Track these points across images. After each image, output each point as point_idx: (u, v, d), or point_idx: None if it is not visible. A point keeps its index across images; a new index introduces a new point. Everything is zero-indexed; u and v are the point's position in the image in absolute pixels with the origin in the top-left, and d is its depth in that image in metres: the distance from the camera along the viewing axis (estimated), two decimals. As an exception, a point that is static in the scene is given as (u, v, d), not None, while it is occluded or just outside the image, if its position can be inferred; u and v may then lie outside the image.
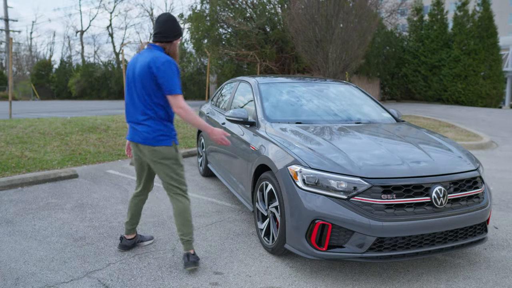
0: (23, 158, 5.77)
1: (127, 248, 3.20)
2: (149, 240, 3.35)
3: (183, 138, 7.95)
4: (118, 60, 38.69)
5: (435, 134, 3.70)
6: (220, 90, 5.67)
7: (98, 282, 2.69)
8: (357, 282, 2.74)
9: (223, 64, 22.76)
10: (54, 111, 17.10)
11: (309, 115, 3.94)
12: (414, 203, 2.66)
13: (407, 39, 24.51)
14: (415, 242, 2.70)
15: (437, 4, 23.45)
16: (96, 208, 4.20)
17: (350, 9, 14.26)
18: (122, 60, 19.61)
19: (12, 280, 2.69)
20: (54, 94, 41.88)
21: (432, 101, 23.50)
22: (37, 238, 3.38)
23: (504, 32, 43.55)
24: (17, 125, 7.86)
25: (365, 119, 4.03)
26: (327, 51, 14.28)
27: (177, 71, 2.75)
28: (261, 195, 3.32)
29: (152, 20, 44.51)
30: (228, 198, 4.67)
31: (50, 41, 79.66)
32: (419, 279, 2.80)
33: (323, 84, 4.74)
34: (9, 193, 4.63)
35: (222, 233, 3.60)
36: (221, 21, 22.10)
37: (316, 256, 2.69)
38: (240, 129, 4.00)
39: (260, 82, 4.36)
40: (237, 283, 2.72)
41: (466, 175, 2.89)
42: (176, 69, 2.75)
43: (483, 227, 3.01)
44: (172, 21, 2.83)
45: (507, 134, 10.49)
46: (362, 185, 2.62)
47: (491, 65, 22.26)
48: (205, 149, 5.43)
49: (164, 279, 2.76)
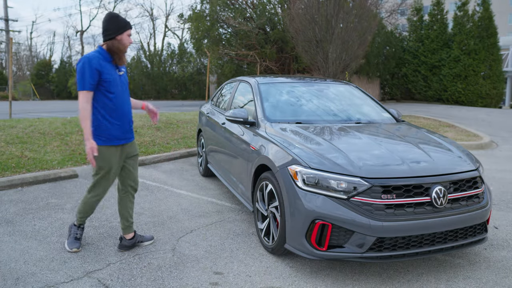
0: (23, 158, 5.77)
1: (127, 248, 3.20)
2: (149, 240, 3.34)
3: (183, 138, 7.95)
4: (118, 60, 38.63)
5: (435, 134, 3.70)
6: (220, 90, 5.67)
7: (98, 282, 2.69)
8: (357, 282, 2.74)
9: (223, 64, 22.77)
10: (54, 111, 17.10)
11: (309, 115, 3.94)
12: (414, 203, 2.66)
13: (407, 39, 24.52)
14: (415, 242, 2.70)
15: (437, 4, 23.46)
16: (96, 208, 4.19)
17: (350, 9, 14.25)
18: (122, 60, 19.52)
19: (12, 280, 2.69)
20: (54, 94, 41.87)
21: (432, 101, 23.50)
22: (37, 238, 3.38)
23: (504, 32, 43.54)
24: (17, 125, 7.86)
25: (365, 119, 4.03)
26: (327, 51, 14.27)
27: (86, 68, 2.82)
28: (261, 195, 3.32)
29: (152, 20, 44.49)
30: (228, 198, 4.68)
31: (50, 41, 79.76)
32: (419, 279, 2.80)
33: (323, 84, 4.74)
34: (9, 193, 4.63)
35: (222, 233, 3.60)
36: (221, 21, 22.11)
37: (316, 256, 2.69)
38: (240, 129, 4.00)
39: (260, 82, 4.36)
40: (237, 283, 2.72)
41: (466, 175, 2.89)
42: (87, 66, 2.82)
43: (483, 227, 3.01)
44: (110, 19, 2.95)
45: (507, 134, 10.49)
46: (362, 185, 2.62)
47: (491, 65, 22.26)
48: (205, 149, 5.43)
49: (164, 279, 2.76)
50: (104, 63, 2.91)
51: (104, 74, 2.89)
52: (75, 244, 3.17)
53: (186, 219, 3.94)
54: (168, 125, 9.15)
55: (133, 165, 3.23)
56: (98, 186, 3.09)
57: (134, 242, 3.24)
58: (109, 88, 2.93)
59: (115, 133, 2.99)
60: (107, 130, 2.96)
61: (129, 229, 3.24)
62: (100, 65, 2.88)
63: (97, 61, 2.86)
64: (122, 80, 3.06)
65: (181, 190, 4.91)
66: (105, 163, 2.98)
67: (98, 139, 2.93)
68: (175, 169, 6.03)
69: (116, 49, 2.94)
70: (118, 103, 2.99)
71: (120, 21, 2.97)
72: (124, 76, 3.13)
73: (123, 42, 2.96)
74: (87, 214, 3.22)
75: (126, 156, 3.16)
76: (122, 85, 3.06)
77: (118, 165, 3.09)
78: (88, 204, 3.15)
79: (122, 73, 3.08)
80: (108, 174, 3.04)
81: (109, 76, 2.92)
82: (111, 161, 3.01)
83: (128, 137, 3.11)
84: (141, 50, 39.33)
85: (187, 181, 5.35)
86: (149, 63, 36.96)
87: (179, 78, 34.11)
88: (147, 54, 38.37)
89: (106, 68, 2.91)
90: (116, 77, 2.99)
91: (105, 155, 2.97)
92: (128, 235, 3.23)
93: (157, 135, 8.07)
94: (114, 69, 2.99)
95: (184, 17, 25.86)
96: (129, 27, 2.99)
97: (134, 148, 3.22)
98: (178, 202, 4.44)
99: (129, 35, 2.99)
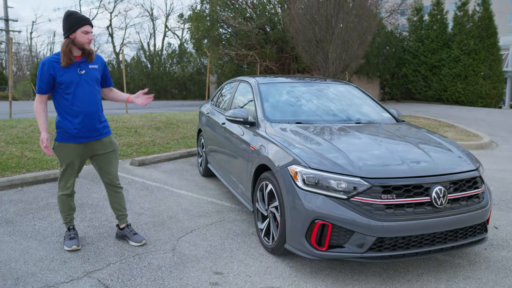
0: (23, 158, 5.77)
1: (117, 237, 3.42)
2: (136, 242, 3.30)
3: (183, 138, 7.95)
4: (118, 60, 38.65)
5: (435, 134, 3.70)
6: (220, 90, 5.67)
7: (98, 282, 2.69)
8: (357, 282, 2.74)
9: (223, 64, 22.77)
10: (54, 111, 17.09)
11: (309, 115, 3.94)
12: (414, 203, 2.66)
13: (407, 39, 24.53)
14: (415, 242, 2.70)
15: (437, 4, 23.46)
16: (96, 208, 4.20)
17: (350, 9, 14.25)
18: (122, 60, 19.61)
19: (12, 280, 2.69)
20: (54, 94, 41.81)
21: (432, 101, 23.51)
22: (37, 238, 3.38)
23: (504, 32, 43.54)
24: (17, 125, 7.86)
25: (365, 119, 4.03)
26: (327, 51, 14.27)
27: (39, 73, 2.95)
28: (261, 195, 3.32)
29: (152, 20, 44.50)
30: (228, 198, 4.68)
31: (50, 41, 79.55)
32: (419, 279, 2.80)
33: (323, 84, 4.74)
34: (9, 193, 4.63)
35: (222, 233, 3.60)
36: (221, 21, 22.12)
37: (316, 256, 2.69)
38: (240, 129, 4.00)
39: (260, 82, 4.36)
40: (237, 283, 2.72)
41: (466, 175, 2.89)
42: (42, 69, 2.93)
43: (483, 227, 3.01)
44: (64, 17, 2.98)
45: (507, 134, 10.49)
46: (362, 185, 2.62)
47: (491, 65, 22.28)
48: (205, 149, 5.43)
49: (164, 279, 2.76)
50: (58, 65, 2.94)
51: (58, 77, 2.94)
52: (72, 242, 3.20)
53: (186, 219, 3.94)
54: (168, 125, 9.15)
55: (103, 162, 3.26)
56: (62, 179, 3.21)
57: (122, 234, 3.37)
58: (65, 89, 2.98)
59: (73, 132, 3.05)
60: (65, 128, 3.06)
61: (120, 220, 3.40)
62: (54, 68, 2.93)
63: (50, 65, 2.93)
64: (84, 79, 3.02)
65: (181, 190, 4.91)
66: (63, 157, 3.13)
67: (58, 136, 3.10)
68: (175, 169, 6.03)
69: (66, 49, 2.94)
70: (77, 103, 3.01)
71: (74, 18, 2.94)
72: (89, 74, 3.06)
73: (77, 40, 2.95)
74: (66, 213, 3.28)
75: (93, 153, 3.22)
76: (85, 84, 3.03)
77: (79, 161, 3.19)
78: (60, 201, 3.24)
79: (83, 72, 3.02)
80: (68, 168, 3.15)
81: (64, 78, 2.95)
82: (69, 157, 3.12)
83: (93, 136, 3.13)
84: (141, 50, 39.36)
85: (187, 181, 5.35)
86: (149, 63, 36.95)
87: (179, 78, 34.10)
88: (147, 54, 38.38)
89: (60, 71, 2.94)
90: (74, 77, 2.98)
91: (63, 150, 3.12)
92: (120, 225, 3.40)
93: (157, 135, 8.07)
94: (72, 69, 2.98)
95: (184, 17, 25.88)
96: (84, 23, 2.94)
97: (104, 146, 3.22)
98: (178, 202, 4.44)
99: (85, 32, 2.95)
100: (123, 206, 3.40)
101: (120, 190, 3.38)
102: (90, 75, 3.07)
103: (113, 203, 3.38)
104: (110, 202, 3.40)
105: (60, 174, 3.19)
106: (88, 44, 3.00)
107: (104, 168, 3.27)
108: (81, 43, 2.96)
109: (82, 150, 3.15)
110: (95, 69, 3.11)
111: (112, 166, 3.30)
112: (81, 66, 3.02)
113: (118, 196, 3.37)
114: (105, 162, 3.26)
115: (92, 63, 3.09)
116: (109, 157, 3.27)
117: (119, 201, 3.38)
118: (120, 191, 3.38)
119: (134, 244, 3.28)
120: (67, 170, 3.17)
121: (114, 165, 3.31)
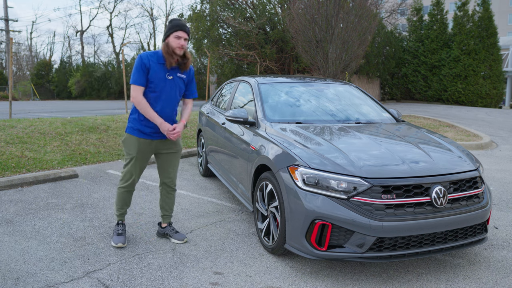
0: (23, 158, 5.77)
1: (158, 234, 3.51)
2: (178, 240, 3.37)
3: (183, 138, 7.95)
4: (118, 60, 38.67)
5: (435, 134, 3.70)
6: (220, 90, 5.67)
7: (98, 282, 2.69)
8: (357, 282, 2.74)
9: (223, 64, 22.75)
10: (54, 111, 17.10)
11: (309, 115, 3.94)
12: (414, 203, 2.67)
13: (407, 39, 24.49)
14: (415, 242, 2.70)
15: (437, 4, 23.44)
16: (96, 208, 4.20)
17: (350, 9, 14.24)
18: (122, 60, 19.60)
19: (12, 280, 2.69)
20: (54, 94, 41.87)
21: (432, 101, 23.49)
22: (37, 238, 3.38)
23: (504, 32, 43.53)
24: (17, 125, 7.85)
25: (365, 119, 4.03)
26: (327, 51, 14.26)
27: (136, 64, 3.05)
28: (261, 195, 3.32)
29: (152, 20, 44.50)
30: (228, 198, 4.68)
31: (50, 41, 79.74)
32: (419, 279, 2.80)
33: (323, 84, 4.74)
34: (9, 193, 4.63)
35: (222, 233, 3.60)
36: (221, 21, 22.10)
37: (316, 256, 2.69)
38: (240, 129, 4.00)
39: (260, 82, 4.36)
40: (237, 283, 2.72)
41: (466, 175, 2.89)
42: (137, 61, 3.05)
43: (483, 227, 3.01)
44: (168, 21, 3.13)
45: (507, 134, 10.49)
46: (362, 185, 2.63)
47: (491, 65, 22.25)
48: (205, 149, 5.43)
49: (164, 279, 2.76)
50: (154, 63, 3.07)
51: (151, 73, 3.06)
52: (118, 239, 3.28)
53: (186, 219, 3.94)
54: (168, 125, 9.12)
55: (165, 162, 3.35)
56: (125, 172, 3.25)
57: (164, 232, 3.44)
58: (153, 88, 3.09)
59: (141, 128, 3.16)
60: (135, 123, 3.17)
61: (164, 218, 3.48)
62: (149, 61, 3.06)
63: (147, 58, 3.07)
64: (169, 84, 3.14)
65: (181, 190, 4.91)
66: (129, 150, 3.21)
67: (130, 129, 3.19)
68: (175, 169, 6.03)
69: (164, 52, 3.07)
70: (158, 104, 3.13)
71: (171, 23, 3.07)
72: (175, 81, 3.18)
73: (170, 44, 3.05)
74: (121, 207, 3.35)
75: (157, 151, 3.30)
76: (169, 89, 3.15)
77: (143, 156, 3.23)
78: (118, 194, 3.32)
79: (171, 77, 3.14)
80: (131, 161, 3.21)
81: (154, 77, 3.07)
82: (134, 150, 3.19)
83: (163, 135, 3.21)
84: (141, 50, 39.31)
85: (187, 181, 5.35)
86: (149, 63, 36.88)
87: (179, 78, 34.02)
88: (147, 54, 38.30)
89: (153, 69, 3.06)
90: (161, 80, 3.10)
91: (129, 143, 3.21)
92: (163, 224, 3.48)
93: (157, 135, 8.06)
94: (163, 72, 3.10)
95: (184, 17, 25.86)
96: (177, 28, 3.02)
97: (167, 146, 3.31)
98: (178, 202, 4.44)
99: (177, 37, 3.02)
100: (171, 207, 3.50)
101: (173, 192, 3.47)
102: (176, 82, 3.19)
103: (163, 202, 3.46)
104: (161, 200, 3.47)
105: (124, 166, 3.25)
106: (179, 49, 3.06)
107: (166, 167, 3.36)
108: (173, 47, 3.04)
109: (148, 147, 3.23)
110: (181, 78, 3.23)
111: (172, 168, 3.39)
112: (170, 72, 3.13)
113: (170, 197, 3.46)
114: (166, 162, 3.36)
115: (182, 73, 3.21)
116: (171, 158, 3.36)
117: (169, 202, 3.47)
118: (172, 193, 3.47)
119: (176, 242, 3.37)
120: (131, 163, 3.22)
121: (173, 166, 3.39)
